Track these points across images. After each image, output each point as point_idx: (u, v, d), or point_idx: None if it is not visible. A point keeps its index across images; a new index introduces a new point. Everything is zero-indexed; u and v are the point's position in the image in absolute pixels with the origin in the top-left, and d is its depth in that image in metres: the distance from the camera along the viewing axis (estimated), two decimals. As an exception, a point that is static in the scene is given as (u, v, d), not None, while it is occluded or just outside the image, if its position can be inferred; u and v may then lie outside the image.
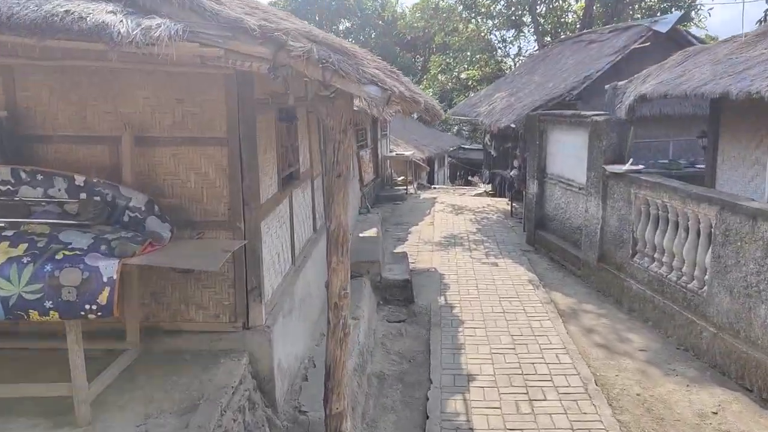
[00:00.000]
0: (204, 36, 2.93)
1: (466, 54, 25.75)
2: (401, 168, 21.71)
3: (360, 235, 11.10)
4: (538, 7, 23.46)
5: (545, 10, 23.61)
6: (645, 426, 5.51)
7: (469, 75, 28.30)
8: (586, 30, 18.78)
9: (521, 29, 25.13)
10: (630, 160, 8.77)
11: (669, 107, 12.20)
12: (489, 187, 21.85)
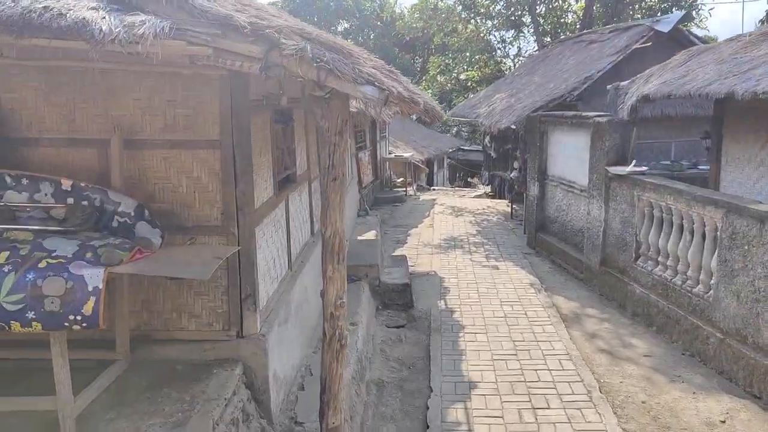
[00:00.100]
0: (191, 34, 2.77)
1: (465, 55, 25.58)
2: (400, 169, 21.59)
3: (358, 238, 10.94)
4: (537, 8, 23.31)
5: (545, 10, 23.45)
6: (651, 435, 5.37)
7: (469, 76, 28.15)
8: (586, 30, 18.64)
9: (521, 30, 24.97)
10: (633, 161, 8.63)
11: (671, 108, 12.04)
12: (488, 189, 21.71)
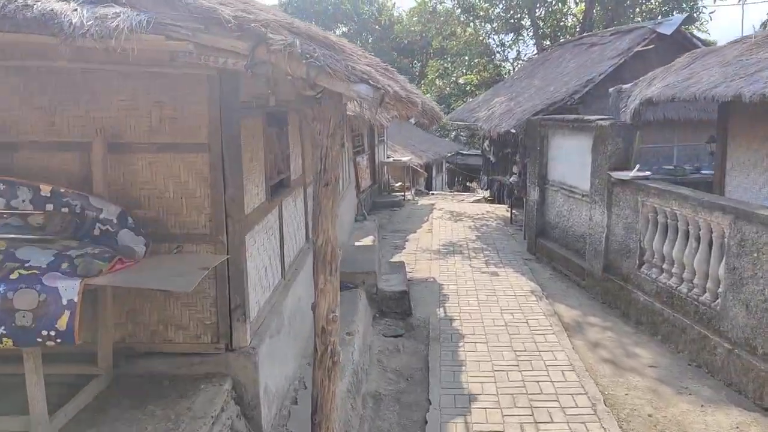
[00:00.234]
0: (171, 28, 2.56)
1: (464, 58, 25.41)
2: (399, 174, 21.40)
3: (356, 244, 10.74)
4: (537, 11, 23.16)
5: (544, 13, 23.28)
6: (659, 452, 5.16)
7: (468, 80, 27.99)
8: (586, 33, 18.48)
9: (520, 33, 24.82)
10: (636, 166, 8.43)
11: (673, 111, 11.87)
12: (487, 193, 21.52)
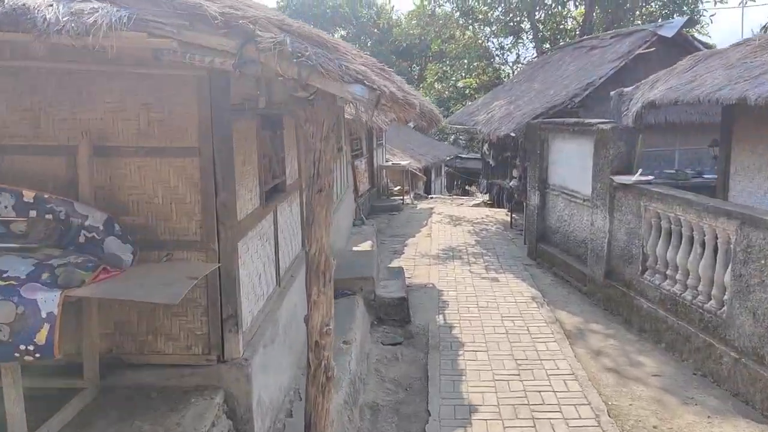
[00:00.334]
0: (154, 25, 2.41)
1: (463, 62, 25.27)
2: (397, 177, 21.25)
3: (354, 249, 10.59)
4: (536, 14, 23.05)
5: (544, 16, 23.18)
6: (666, 465, 4.99)
7: (467, 83, 27.85)
8: (586, 36, 18.35)
9: (519, 36, 24.70)
10: (639, 170, 8.28)
11: (674, 115, 11.70)
12: (486, 197, 21.39)
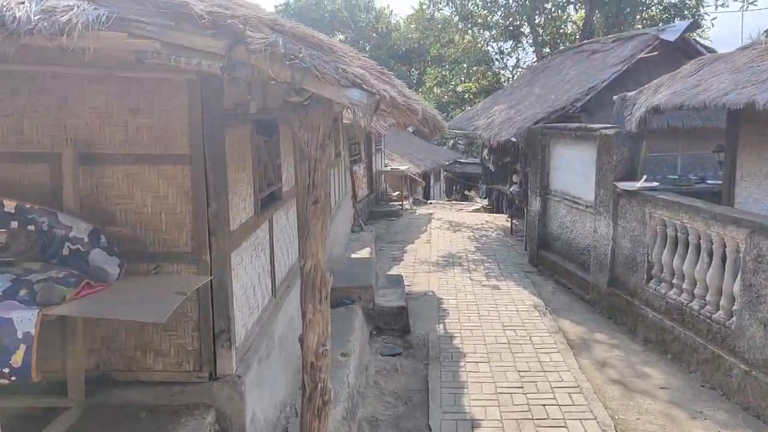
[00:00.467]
0: (135, 24, 2.23)
1: (462, 66, 25.14)
2: (396, 183, 21.10)
3: (352, 256, 10.41)
4: (536, 18, 22.94)
5: (544, 20, 23.07)
6: (677, 485, 4.80)
7: (466, 87, 27.72)
8: (586, 40, 18.22)
9: (519, 40, 24.58)
10: (644, 176, 8.11)
11: (677, 119, 11.53)
12: (486, 202, 21.25)
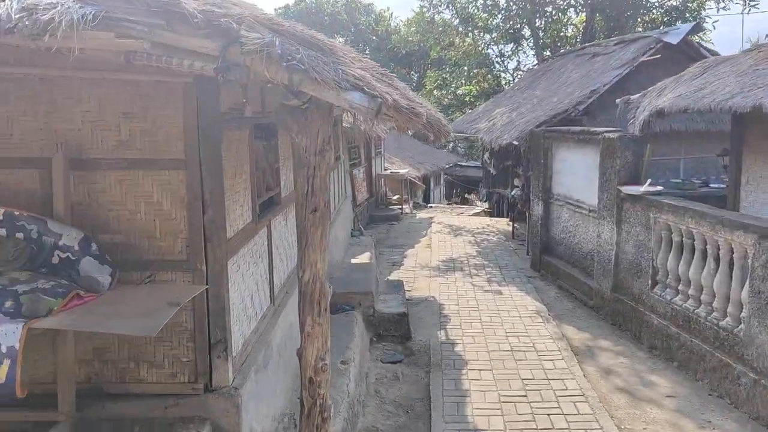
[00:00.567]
0: (124, 24, 2.11)
1: (463, 69, 25.04)
2: (396, 186, 20.97)
3: (352, 261, 10.27)
4: (537, 21, 22.85)
5: (544, 23, 22.98)
6: (686, 498, 4.67)
7: (467, 90, 27.63)
8: (588, 43, 18.13)
9: (520, 43, 24.49)
10: (648, 180, 7.99)
11: (680, 123, 11.43)
12: (486, 205, 21.14)
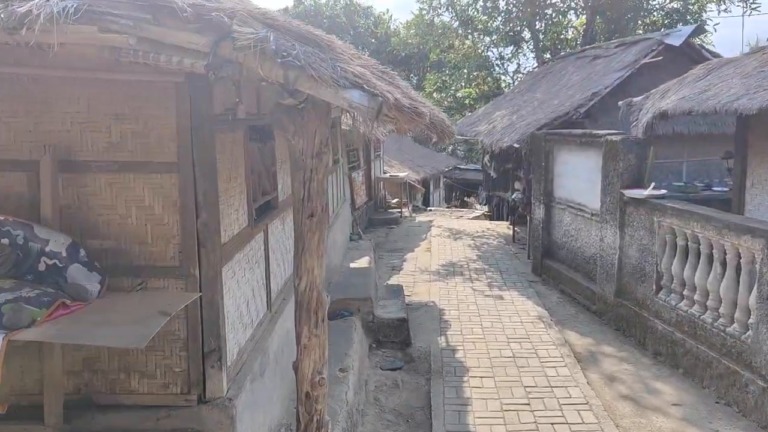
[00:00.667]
0: (108, 18, 1.99)
1: (462, 71, 24.96)
2: (395, 190, 20.85)
3: (351, 266, 10.14)
4: (537, 23, 22.77)
5: (544, 26, 22.90)
6: None
7: (466, 93, 27.53)
8: (588, 45, 18.03)
9: (520, 45, 24.40)
10: (652, 184, 7.87)
11: (683, 125, 11.30)
12: (486, 209, 21.03)
